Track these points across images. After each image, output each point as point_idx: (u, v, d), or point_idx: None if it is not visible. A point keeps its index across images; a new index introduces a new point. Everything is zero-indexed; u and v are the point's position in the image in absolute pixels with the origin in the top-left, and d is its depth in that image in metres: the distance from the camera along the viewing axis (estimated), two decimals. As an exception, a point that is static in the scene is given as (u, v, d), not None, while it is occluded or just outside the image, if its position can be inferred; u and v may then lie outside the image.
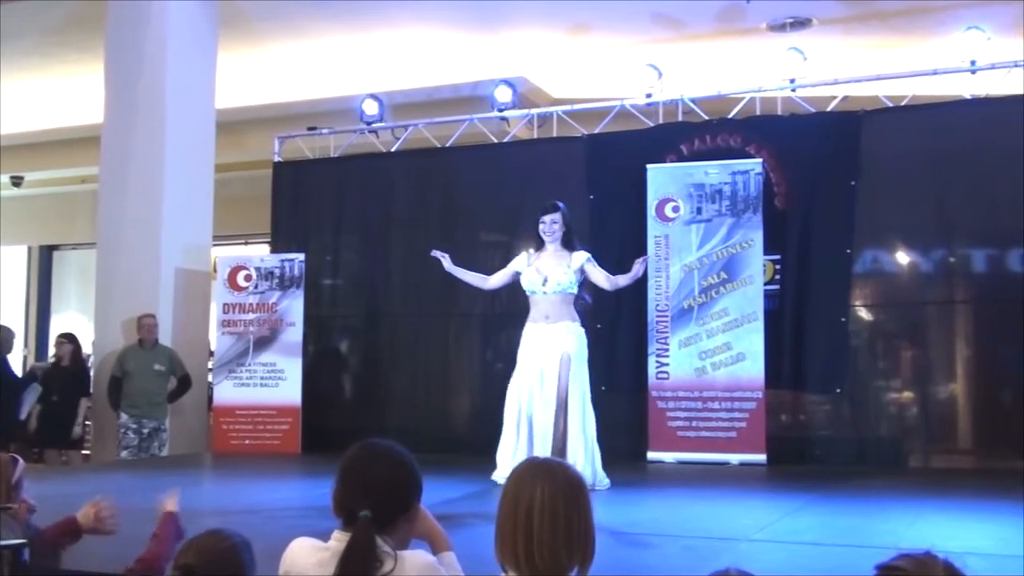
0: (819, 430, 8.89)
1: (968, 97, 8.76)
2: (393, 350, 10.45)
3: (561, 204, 7.19)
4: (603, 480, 6.81)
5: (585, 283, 7.11)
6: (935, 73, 8.94)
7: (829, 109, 9.25)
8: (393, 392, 10.28)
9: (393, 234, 10.60)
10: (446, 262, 7.35)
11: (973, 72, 8.71)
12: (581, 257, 7.01)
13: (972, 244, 8.66)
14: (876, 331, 8.99)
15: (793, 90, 9.30)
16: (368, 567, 2.28)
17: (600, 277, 7.03)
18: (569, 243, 7.09)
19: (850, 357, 8.75)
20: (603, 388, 9.07)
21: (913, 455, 8.60)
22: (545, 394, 6.79)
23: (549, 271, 6.97)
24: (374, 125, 10.74)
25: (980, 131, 8.42)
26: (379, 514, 2.35)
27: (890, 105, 8.96)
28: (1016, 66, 8.61)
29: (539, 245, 7.17)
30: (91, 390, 10.03)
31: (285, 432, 9.88)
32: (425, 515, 2.61)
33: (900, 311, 8.84)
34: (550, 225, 7.06)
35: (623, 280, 7.02)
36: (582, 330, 7.00)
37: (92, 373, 10.16)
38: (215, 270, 10.47)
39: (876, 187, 8.60)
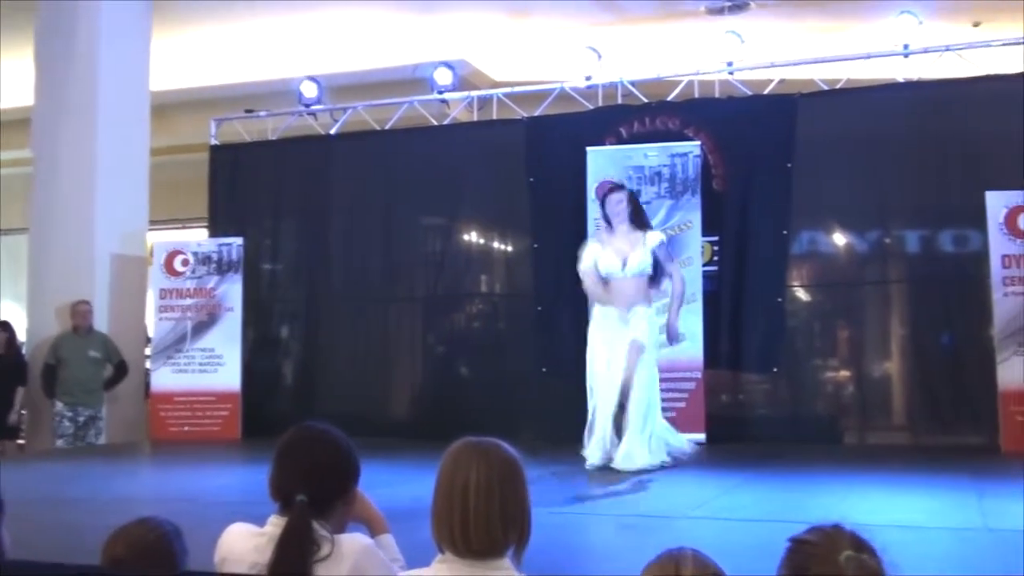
0: (757, 409, 9.02)
1: (901, 81, 8.90)
2: (334, 335, 10.38)
3: (626, 186, 7.16)
4: (683, 447, 7.04)
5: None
6: (869, 57, 9.07)
7: (766, 92, 9.35)
8: (334, 377, 10.21)
9: (333, 218, 10.53)
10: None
11: (906, 56, 8.85)
12: (655, 237, 6.98)
13: (906, 225, 8.83)
14: (812, 311, 9.14)
15: (731, 73, 9.38)
16: (305, 551, 2.27)
17: (669, 266, 7.05)
18: (640, 223, 7.02)
19: (787, 337, 8.87)
20: (543, 370, 9.16)
21: (848, 432, 8.76)
22: (612, 381, 6.80)
23: (627, 252, 6.87)
24: (312, 108, 10.65)
25: (913, 114, 8.57)
26: (316, 498, 2.34)
27: (825, 88, 9.09)
28: (947, 50, 8.77)
29: (608, 228, 7.04)
30: (27, 378, 9.84)
31: (225, 418, 9.78)
32: (363, 498, 2.60)
33: (836, 291, 8.98)
34: (616, 206, 6.98)
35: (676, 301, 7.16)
36: (654, 313, 7.01)
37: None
38: (151, 255, 10.32)
39: (812, 169, 8.72)
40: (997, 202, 7.90)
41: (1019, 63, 8.48)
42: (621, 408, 6.82)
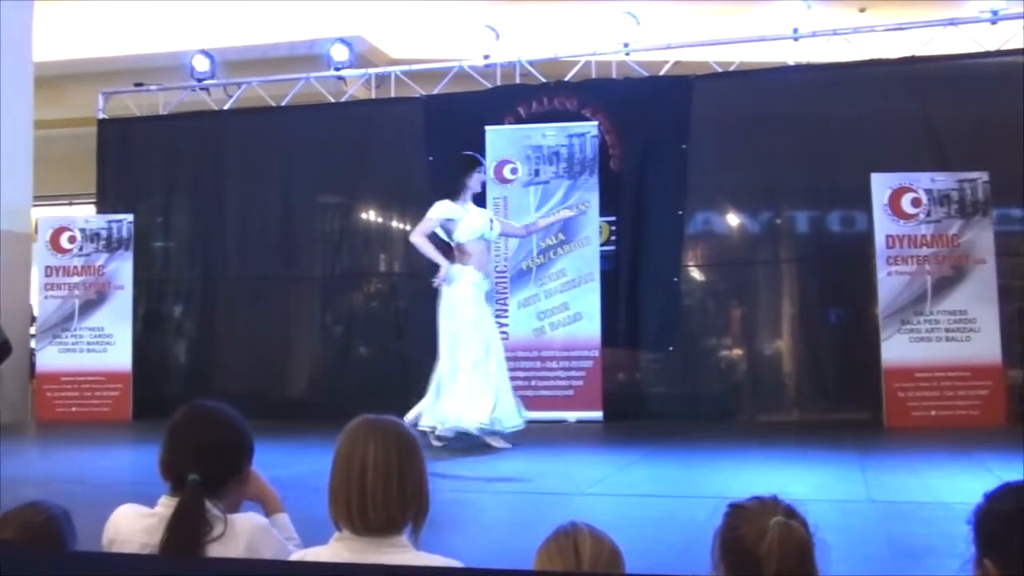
0: (653, 387, 9.16)
1: (791, 64, 9.10)
2: (229, 314, 10.21)
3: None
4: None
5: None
6: (761, 40, 9.25)
7: (661, 74, 9.46)
8: (229, 357, 10.06)
9: (228, 195, 10.33)
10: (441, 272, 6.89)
11: (796, 40, 9.06)
12: (488, 211, 7.27)
13: (796, 206, 9.06)
14: (707, 290, 9.32)
15: (627, 54, 9.47)
16: (197, 531, 2.23)
17: (512, 227, 7.53)
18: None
19: (682, 316, 9.04)
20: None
21: (741, 410, 8.96)
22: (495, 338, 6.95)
23: (487, 219, 7.05)
24: (205, 82, 10.41)
25: (803, 97, 8.79)
26: (208, 477, 2.31)
27: (719, 71, 9.24)
28: (835, 34, 9.00)
29: (456, 196, 6.97)
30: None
31: (115, 399, 9.56)
32: (257, 477, 2.57)
33: (729, 271, 9.16)
34: (482, 178, 7.19)
35: (537, 225, 7.72)
36: None
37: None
38: (36, 232, 9.99)
39: (706, 150, 8.87)
40: (882, 184, 8.14)
41: (903, 48, 8.75)
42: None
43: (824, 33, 8.99)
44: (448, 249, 7.01)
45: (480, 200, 8.84)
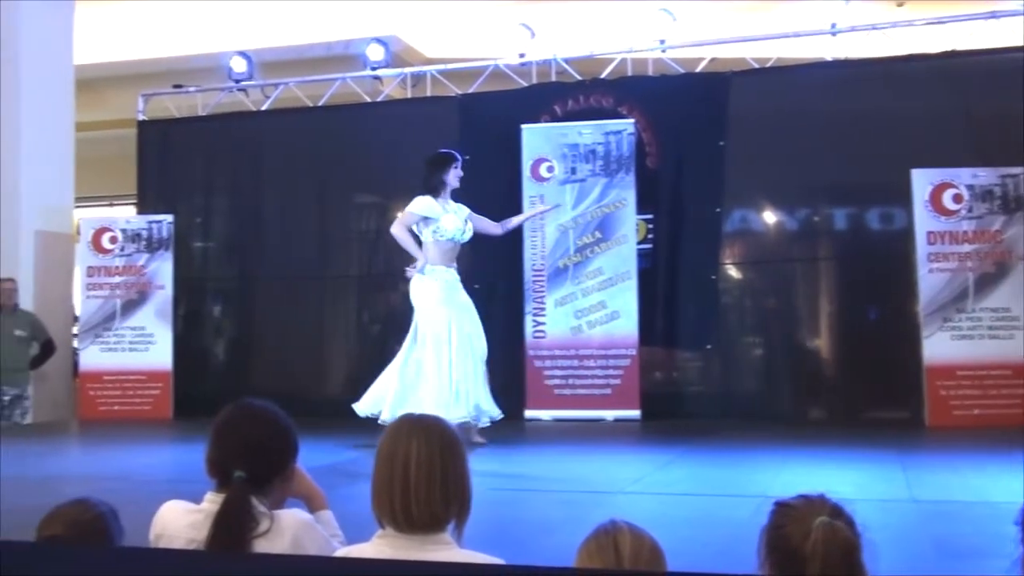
0: (690, 385, 9.13)
1: (829, 59, 9.03)
2: (266, 313, 10.29)
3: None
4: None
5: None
6: (798, 35, 9.19)
7: (698, 70, 9.42)
8: (267, 356, 10.13)
9: (265, 195, 10.41)
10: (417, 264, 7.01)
11: (833, 35, 8.99)
12: (465, 209, 7.15)
13: (834, 203, 8.99)
14: (744, 288, 9.26)
15: (663, 51, 9.44)
16: (243, 528, 2.25)
17: (488, 224, 7.31)
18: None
19: (720, 314, 8.99)
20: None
21: (779, 408, 8.89)
22: (464, 338, 6.89)
23: (463, 220, 7.05)
24: (243, 83, 10.49)
25: (841, 93, 8.69)
26: (254, 474, 2.33)
27: (756, 67, 9.17)
28: (873, 29, 8.91)
29: (436, 193, 7.03)
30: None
31: (156, 397, 9.65)
32: (302, 475, 2.59)
33: (767, 268, 9.10)
34: (458, 173, 7.10)
35: (514, 222, 7.54)
36: None
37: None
38: (78, 232, 10.12)
39: (744, 147, 8.81)
40: (923, 180, 8.06)
41: (943, 42, 8.66)
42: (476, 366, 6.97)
43: (862, 28, 8.91)
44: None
45: (515, 198, 8.89)
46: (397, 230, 7.02)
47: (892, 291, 8.59)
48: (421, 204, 6.97)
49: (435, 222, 6.95)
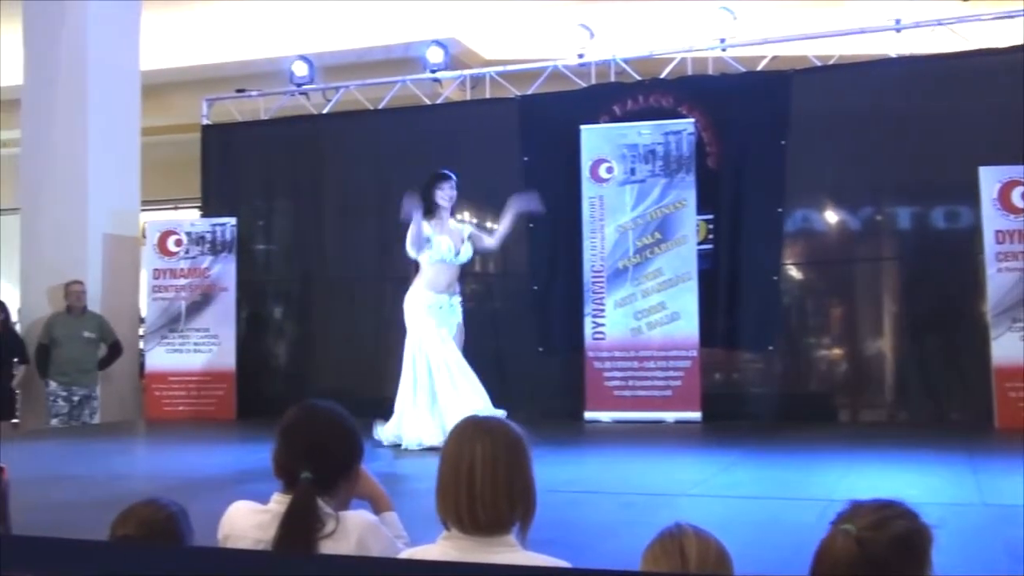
0: (752, 387, 9.04)
1: (893, 56, 8.89)
2: (327, 314, 10.37)
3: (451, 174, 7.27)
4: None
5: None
6: (862, 32, 9.06)
7: (759, 69, 9.32)
8: (328, 356, 10.22)
9: (325, 198, 10.50)
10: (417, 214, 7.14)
11: (898, 31, 8.84)
12: (467, 228, 7.29)
13: (898, 202, 8.84)
14: (807, 289, 9.16)
15: (724, 50, 9.36)
16: (310, 528, 2.28)
17: (487, 240, 7.38)
18: (453, 213, 7.32)
19: (781, 315, 8.89)
20: (540, 349, 9.18)
21: (843, 409, 8.80)
22: (447, 361, 6.97)
23: (457, 242, 7.12)
24: (304, 87, 10.59)
25: (906, 90, 8.55)
26: (320, 475, 2.35)
27: (818, 64, 9.06)
28: (939, 24, 8.75)
29: (429, 212, 7.16)
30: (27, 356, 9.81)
31: (220, 398, 9.79)
32: (366, 476, 2.61)
33: (830, 269, 8.99)
34: (450, 192, 7.20)
35: (503, 230, 7.41)
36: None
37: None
38: (144, 235, 10.29)
39: (806, 146, 8.71)
40: (991, 177, 7.90)
41: (1011, 37, 8.48)
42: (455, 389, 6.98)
43: (928, 24, 8.75)
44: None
45: (573, 199, 8.86)
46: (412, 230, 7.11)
47: (958, 291, 8.43)
48: (415, 227, 7.07)
49: (428, 244, 7.07)
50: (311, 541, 2.27)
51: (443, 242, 7.10)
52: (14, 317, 10.42)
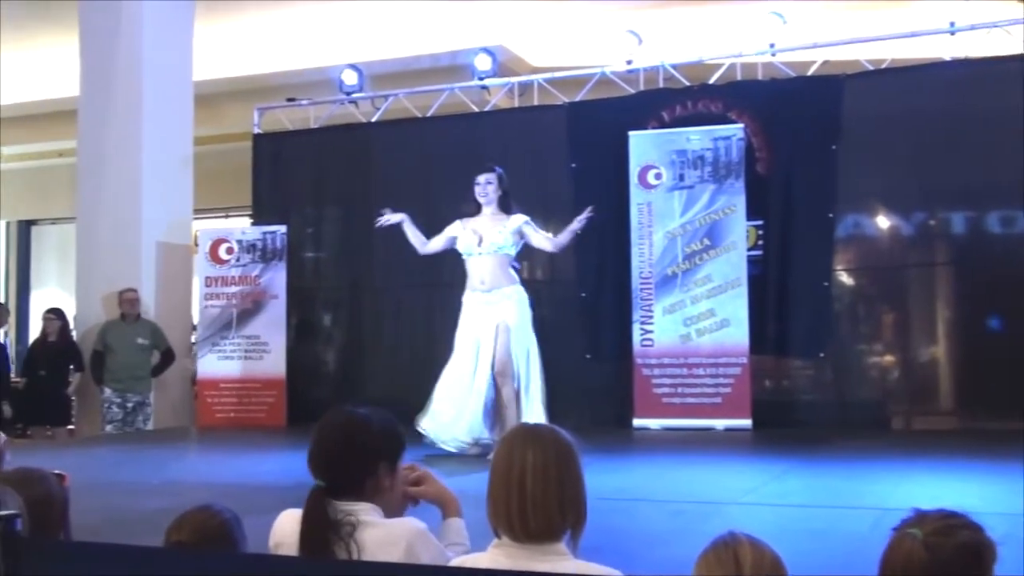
0: (803, 394, 8.95)
1: (948, 59, 8.76)
2: (377, 321, 10.42)
3: (497, 167, 7.20)
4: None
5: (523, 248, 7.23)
6: (914, 35, 8.94)
7: (809, 73, 9.24)
8: (377, 364, 10.26)
9: (374, 205, 10.44)
10: (396, 217, 7.37)
11: (952, 34, 8.72)
12: (519, 219, 7.07)
13: (952, 207, 8.71)
14: (858, 295, 9.05)
15: (773, 55, 9.28)
16: (324, 534, 2.30)
17: (541, 239, 7.17)
18: (506, 206, 7.13)
19: (833, 321, 8.79)
20: (588, 356, 9.15)
21: (895, 417, 8.67)
22: (480, 367, 6.88)
23: (484, 231, 7.00)
24: (353, 95, 10.67)
25: (959, 93, 8.42)
26: (336, 480, 2.38)
27: (870, 68, 8.95)
28: (994, 27, 8.61)
29: (475, 210, 7.18)
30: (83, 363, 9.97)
31: (271, 405, 9.87)
32: (434, 480, 2.61)
33: (882, 275, 8.89)
34: (484, 187, 7.12)
35: (564, 238, 7.18)
36: (522, 291, 7.09)
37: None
38: (196, 243, 10.42)
39: (857, 151, 8.61)
40: (1047, 182, 7.76)
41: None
42: (496, 392, 6.88)
43: (983, 26, 8.62)
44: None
45: (622, 205, 8.82)
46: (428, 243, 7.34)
47: (1014, 297, 8.28)
48: (449, 228, 7.19)
49: (453, 242, 7.18)
50: (328, 546, 2.28)
51: (466, 236, 7.04)
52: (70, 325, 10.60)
